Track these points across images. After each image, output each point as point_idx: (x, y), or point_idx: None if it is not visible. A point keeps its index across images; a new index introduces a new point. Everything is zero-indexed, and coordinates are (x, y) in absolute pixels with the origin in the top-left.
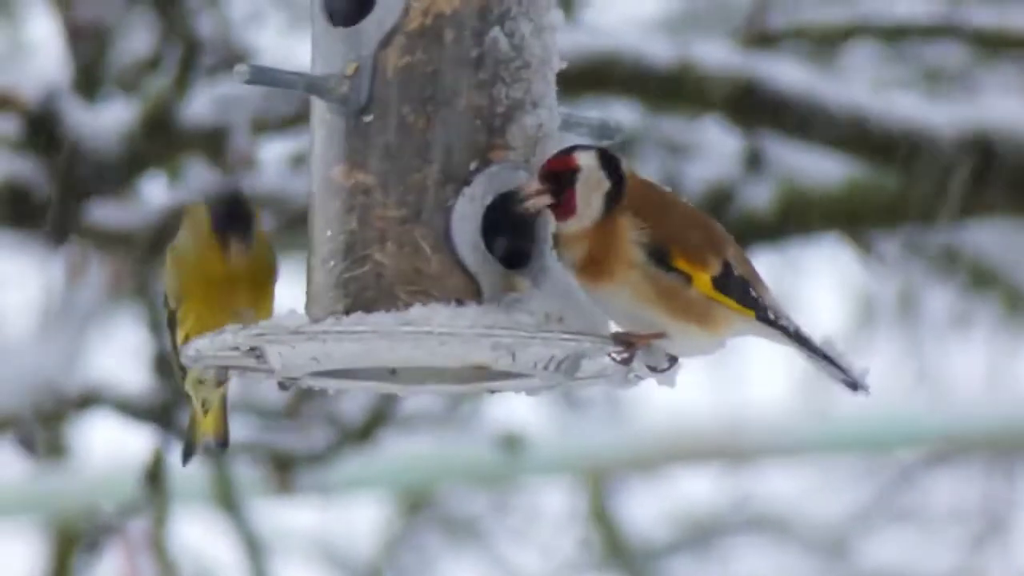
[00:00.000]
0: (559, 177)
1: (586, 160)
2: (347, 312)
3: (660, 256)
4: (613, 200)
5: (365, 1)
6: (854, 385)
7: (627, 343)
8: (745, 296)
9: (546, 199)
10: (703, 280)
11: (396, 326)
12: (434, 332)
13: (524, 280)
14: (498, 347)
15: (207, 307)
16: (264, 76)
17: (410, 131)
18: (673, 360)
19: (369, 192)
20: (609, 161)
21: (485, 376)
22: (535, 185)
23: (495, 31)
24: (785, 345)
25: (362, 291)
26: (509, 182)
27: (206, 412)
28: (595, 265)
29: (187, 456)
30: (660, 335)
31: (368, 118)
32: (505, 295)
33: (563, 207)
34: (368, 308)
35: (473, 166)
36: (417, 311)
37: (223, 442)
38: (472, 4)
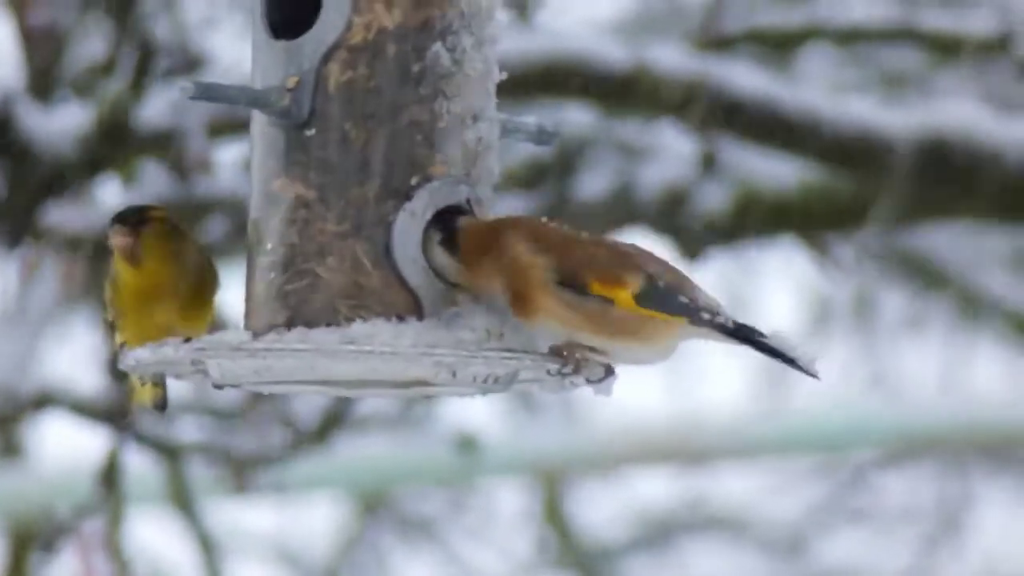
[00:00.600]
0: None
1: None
2: (288, 325)
3: (573, 284)
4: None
5: (307, 15)
6: (804, 371)
7: (565, 356)
8: (673, 304)
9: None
10: (624, 298)
11: (339, 344)
12: (376, 351)
13: (464, 295)
14: (440, 365)
15: (139, 324)
16: (208, 92)
17: (351, 146)
18: (609, 370)
19: (310, 206)
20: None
21: (427, 384)
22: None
23: (437, 46)
24: (730, 343)
25: (302, 304)
26: (451, 196)
27: (143, 384)
28: (520, 300)
29: (124, 421)
30: (593, 349)
31: (309, 132)
32: (446, 310)
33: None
34: (308, 322)
35: (414, 181)
36: (359, 328)
37: (162, 405)
38: (414, 19)
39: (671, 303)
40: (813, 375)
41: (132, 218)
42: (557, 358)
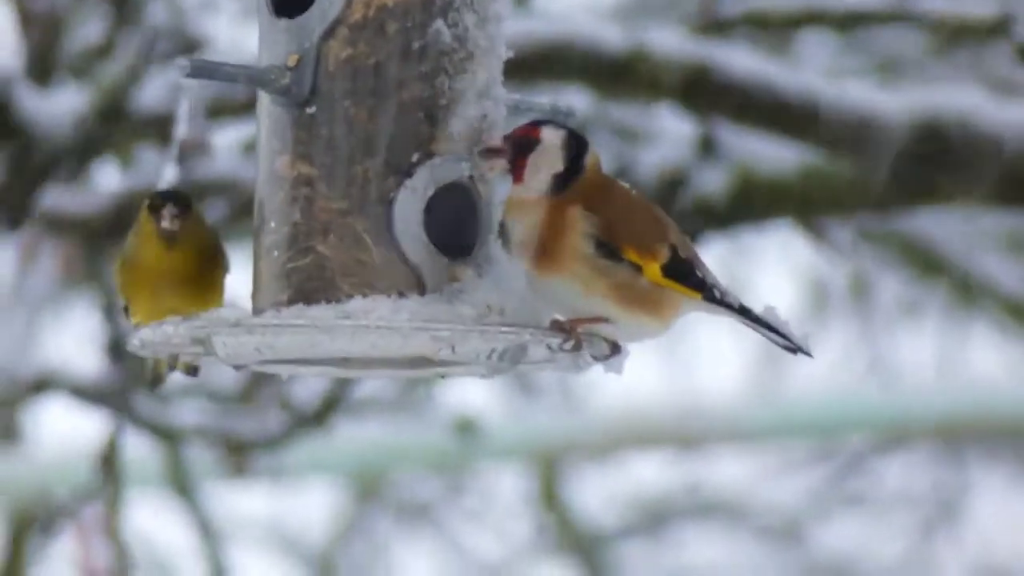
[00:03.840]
0: (519, 143)
1: (550, 136)
2: (290, 303)
3: (610, 248)
4: (562, 182)
5: None
6: (796, 349)
7: (566, 330)
8: (691, 278)
9: (501, 160)
10: (653, 269)
11: (335, 320)
12: (372, 326)
13: (468, 270)
14: (438, 340)
15: (151, 308)
16: (205, 70)
17: (352, 123)
18: (615, 347)
19: (312, 184)
20: (575, 146)
21: (432, 363)
22: (496, 143)
23: (438, 23)
24: (730, 318)
25: (305, 282)
26: (452, 174)
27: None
28: (544, 253)
29: (156, 383)
30: (599, 320)
31: (311, 110)
32: (448, 286)
33: (514, 172)
34: (310, 299)
35: (415, 158)
36: (357, 303)
37: (193, 371)
38: None
39: (691, 277)
40: (807, 353)
41: (181, 200)
42: (559, 332)
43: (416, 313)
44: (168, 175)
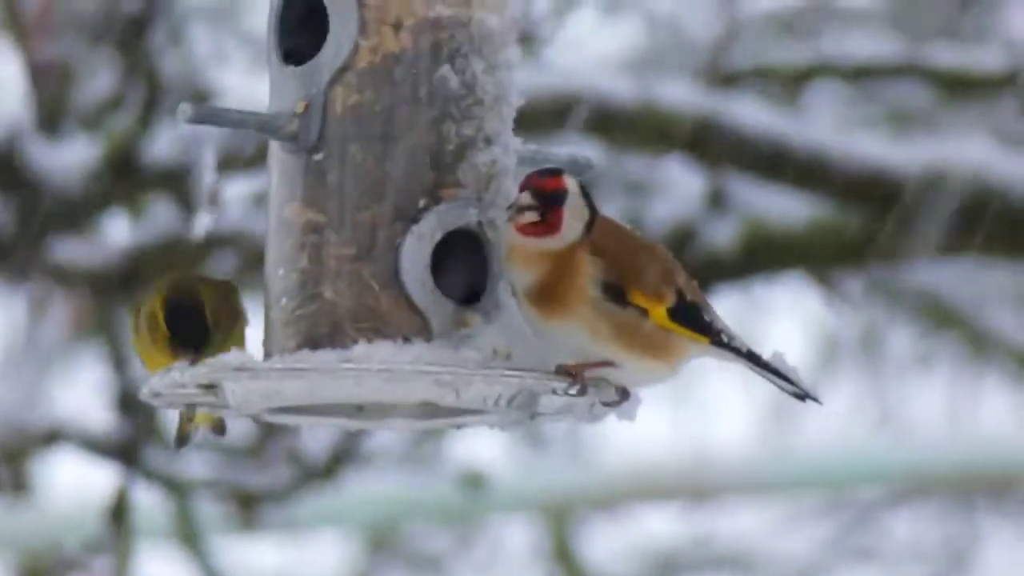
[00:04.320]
0: (550, 196)
1: (571, 184)
2: (297, 349)
3: (616, 292)
4: (588, 229)
5: (316, 40)
6: (804, 396)
7: (572, 375)
8: (699, 323)
9: (534, 215)
10: (659, 313)
11: (336, 363)
12: (372, 369)
13: (476, 316)
14: (441, 384)
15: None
16: (208, 116)
17: (359, 169)
18: (624, 393)
19: (320, 230)
20: (586, 191)
21: (445, 412)
22: (526, 200)
23: (444, 68)
24: (738, 364)
25: (312, 328)
26: (459, 219)
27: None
28: (549, 298)
29: (181, 444)
30: (607, 364)
31: (318, 156)
32: (455, 332)
33: (547, 225)
34: (318, 345)
35: (422, 203)
36: (361, 348)
37: (221, 430)
38: (421, 43)
39: (698, 321)
40: (815, 399)
41: (198, 333)
42: (564, 377)
43: (419, 357)
44: (200, 226)
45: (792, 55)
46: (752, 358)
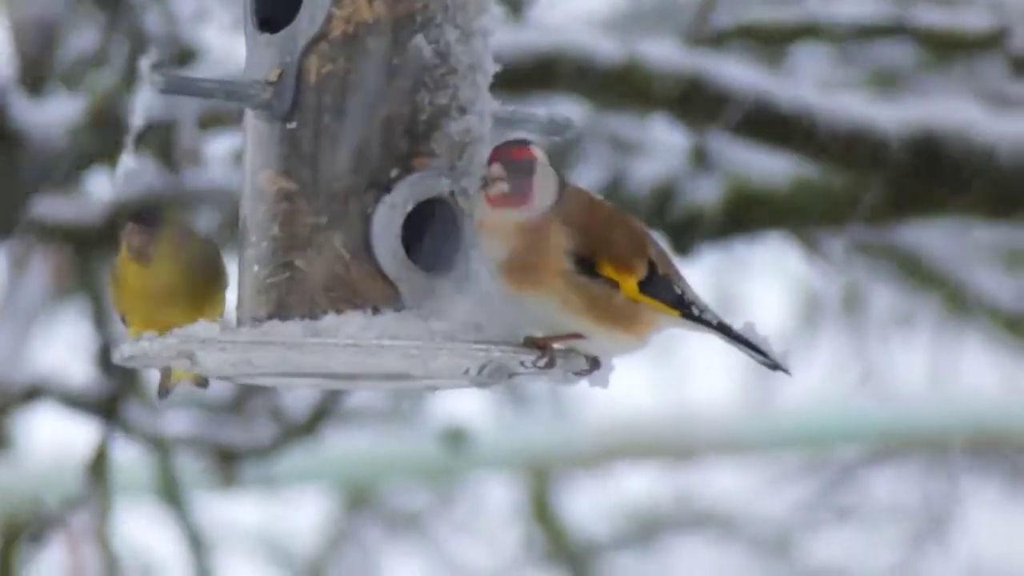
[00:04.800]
0: (516, 166)
1: (540, 154)
2: (268, 318)
3: (586, 263)
4: (558, 199)
5: (292, 8)
6: (775, 366)
7: (540, 347)
8: (670, 295)
9: (505, 186)
10: (630, 285)
11: (303, 337)
12: (339, 344)
13: (447, 286)
14: (407, 356)
15: (147, 323)
16: (180, 85)
17: (332, 138)
18: (595, 362)
19: (292, 198)
20: (553, 161)
21: (420, 377)
22: (497, 171)
23: (418, 38)
24: (709, 335)
25: (283, 297)
26: (431, 189)
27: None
28: (521, 269)
29: (163, 396)
30: (576, 336)
31: (292, 124)
32: (426, 302)
33: (518, 196)
34: (288, 314)
35: (394, 173)
36: (329, 320)
37: (203, 383)
38: (394, 12)
39: (668, 294)
40: (785, 371)
41: (148, 218)
42: (532, 349)
43: (386, 330)
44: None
45: (778, 15)
46: (723, 329)
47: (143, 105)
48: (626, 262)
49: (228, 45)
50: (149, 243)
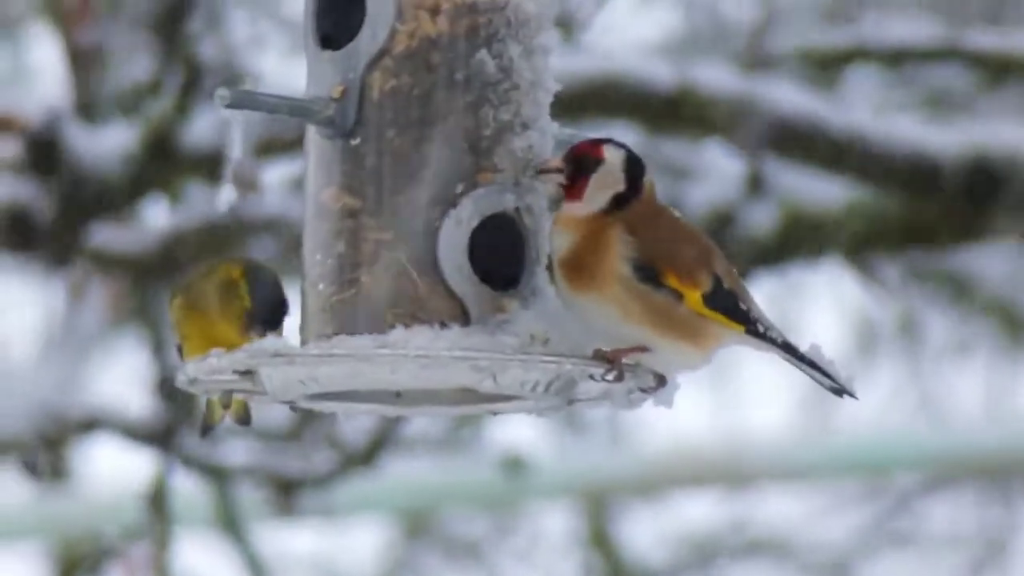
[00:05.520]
0: (581, 162)
1: (612, 155)
2: (335, 335)
3: (650, 273)
4: (619, 204)
5: (354, 24)
6: (841, 391)
7: (609, 360)
8: (735, 310)
9: (560, 177)
10: (694, 298)
11: (373, 349)
12: (409, 355)
13: (513, 302)
14: (478, 369)
15: (202, 347)
16: (246, 100)
17: (396, 154)
18: (661, 380)
19: (357, 215)
20: (634, 167)
21: (482, 398)
22: (555, 162)
23: (482, 53)
24: (773, 354)
25: (349, 314)
26: (497, 205)
27: (225, 405)
28: (579, 268)
29: (205, 432)
30: (643, 349)
31: (355, 141)
32: (492, 317)
33: (572, 190)
34: (354, 331)
35: (460, 188)
36: (397, 334)
37: (245, 420)
38: (458, 27)
39: (733, 309)
40: (851, 394)
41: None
42: (601, 362)
43: (456, 342)
44: (224, 200)
45: (831, 38)
46: (788, 349)
47: (241, 135)
48: (691, 274)
49: (284, 71)
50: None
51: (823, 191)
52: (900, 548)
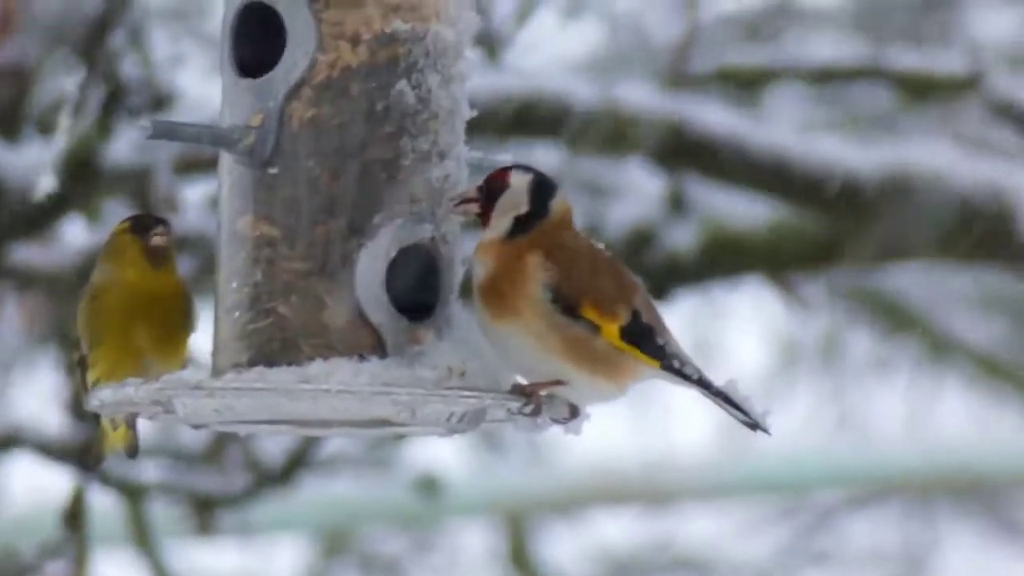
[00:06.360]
0: (492, 189)
1: (518, 180)
2: (250, 364)
3: (568, 303)
4: (521, 226)
5: (274, 53)
6: (755, 426)
7: (527, 394)
8: (651, 345)
9: (474, 207)
10: (611, 331)
11: (295, 383)
12: (332, 390)
13: (428, 332)
14: (398, 404)
15: (119, 349)
16: (169, 131)
17: (315, 184)
18: (574, 411)
19: (274, 244)
20: (541, 190)
21: (393, 423)
22: (471, 192)
23: (401, 83)
24: (688, 389)
25: (265, 343)
26: (414, 235)
27: (115, 428)
28: (498, 296)
29: (95, 464)
30: (559, 383)
31: (273, 170)
32: (409, 348)
33: (485, 217)
34: (271, 361)
35: (377, 219)
36: (317, 367)
37: (133, 452)
38: (379, 57)
39: (650, 344)
40: (765, 431)
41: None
42: (520, 396)
43: (376, 377)
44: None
45: (754, 57)
46: (703, 385)
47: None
48: (610, 307)
49: (203, 90)
50: (169, 248)
51: (744, 209)
52: (821, 566)
